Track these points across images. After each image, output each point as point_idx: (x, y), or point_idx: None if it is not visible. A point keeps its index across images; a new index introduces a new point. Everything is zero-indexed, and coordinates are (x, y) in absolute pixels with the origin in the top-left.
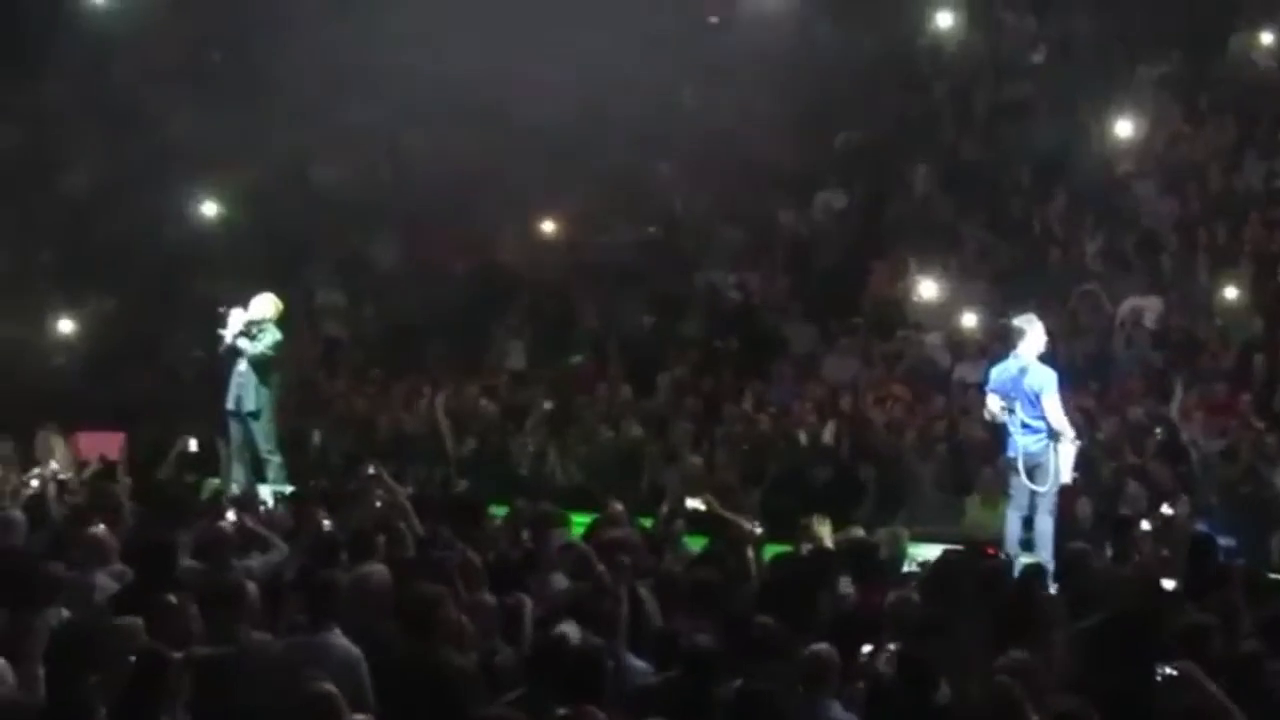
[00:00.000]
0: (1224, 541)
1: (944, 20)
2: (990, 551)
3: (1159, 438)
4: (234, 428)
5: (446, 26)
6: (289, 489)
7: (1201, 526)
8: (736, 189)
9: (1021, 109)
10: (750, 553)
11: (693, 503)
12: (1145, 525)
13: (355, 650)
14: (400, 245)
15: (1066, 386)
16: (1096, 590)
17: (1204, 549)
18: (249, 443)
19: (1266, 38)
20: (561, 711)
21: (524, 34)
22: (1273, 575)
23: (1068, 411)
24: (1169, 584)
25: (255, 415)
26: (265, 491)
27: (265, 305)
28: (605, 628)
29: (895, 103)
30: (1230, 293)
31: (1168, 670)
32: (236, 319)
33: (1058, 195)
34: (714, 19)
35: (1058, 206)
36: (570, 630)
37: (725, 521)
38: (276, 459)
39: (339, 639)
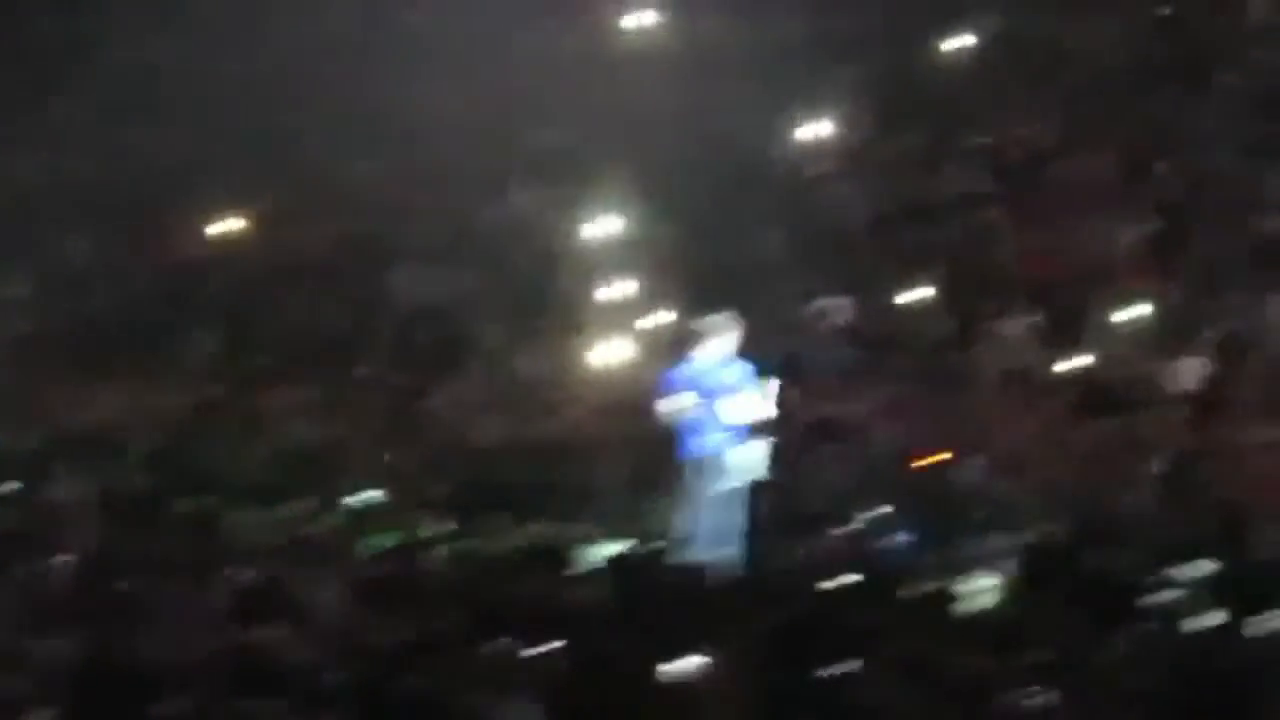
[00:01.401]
0: (908, 540)
1: (643, 19)
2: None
3: (848, 437)
4: None
5: (147, 20)
6: None
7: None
8: (431, 186)
9: (718, 108)
10: (441, 550)
11: (372, 494)
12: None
13: None
14: (93, 241)
15: (756, 385)
16: (780, 589)
17: (868, 545)
18: None
19: (963, 41)
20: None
21: (222, 29)
22: (957, 575)
23: (756, 410)
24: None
25: None
26: None
27: None
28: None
29: (593, 101)
30: (921, 294)
31: (842, 667)
32: None
33: (750, 194)
34: (416, 14)
35: (752, 206)
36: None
37: (416, 520)
38: None
39: None
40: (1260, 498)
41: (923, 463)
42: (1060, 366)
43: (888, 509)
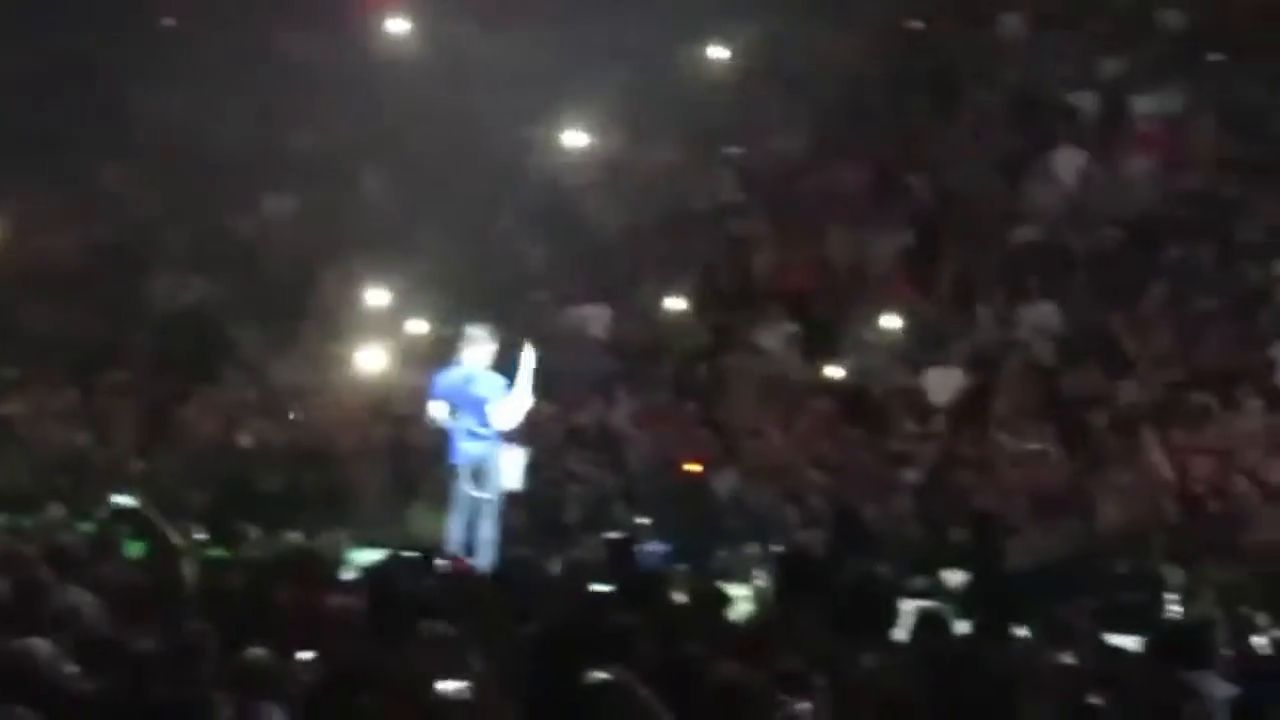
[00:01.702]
0: (663, 548)
1: (397, 26)
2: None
3: (603, 445)
4: None
5: None
6: None
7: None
8: (188, 191)
9: (475, 116)
10: (189, 559)
11: (126, 500)
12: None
13: None
14: None
15: (514, 394)
16: (537, 597)
17: (623, 553)
18: None
19: (718, 52)
20: None
21: None
22: (716, 581)
23: (514, 419)
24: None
25: None
26: None
27: None
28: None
29: (350, 106)
30: (675, 303)
31: (599, 676)
32: None
33: (509, 204)
34: (170, 21)
35: (510, 214)
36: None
37: (159, 528)
38: None
39: None
40: (1013, 508)
41: (680, 471)
42: (816, 377)
43: (645, 518)
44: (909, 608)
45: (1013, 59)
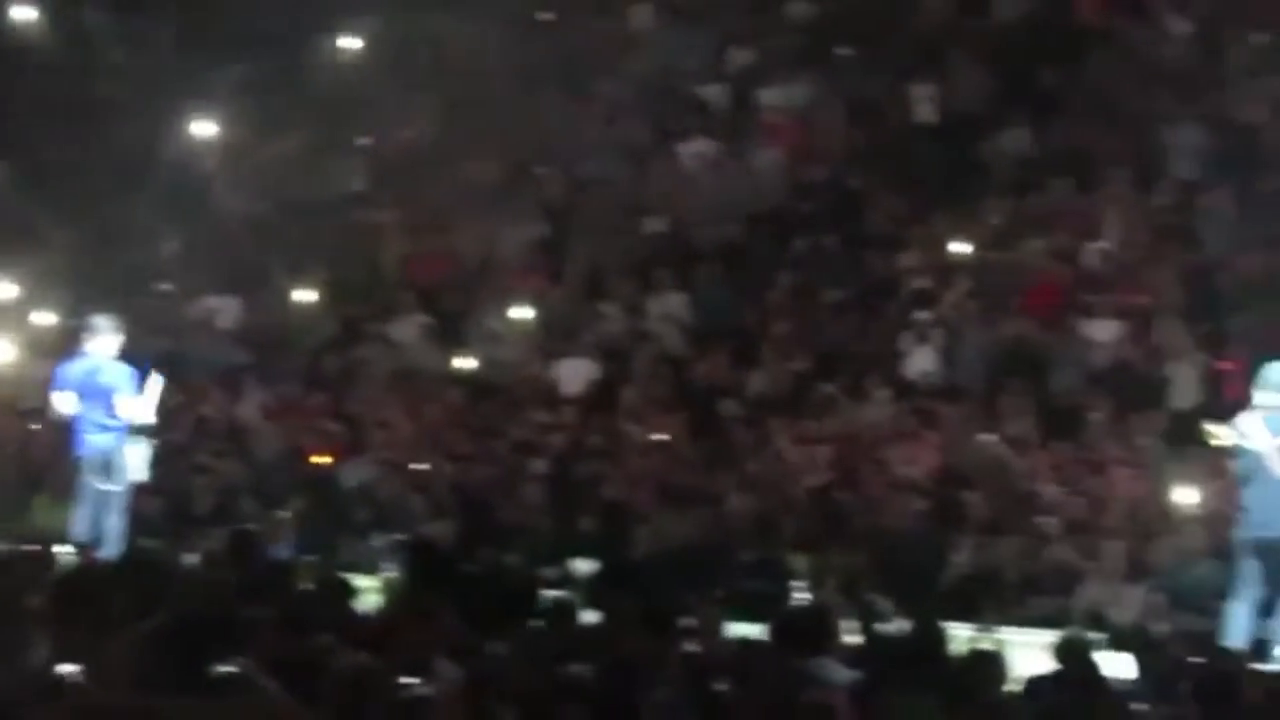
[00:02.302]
0: (293, 539)
1: (23, 14)
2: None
3: (231, 437)
4: None
5: None
6: None
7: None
8: None
9: (103, 107)
10: None
11: None
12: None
13: None
14: None
15: (141, 385)
16: (163, 589)
17: (248, 545)
18: None
19: (347, 42)
20: None
21: None
22: (343, 572)
23: (140, 411)
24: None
25: None
26: None
27: None
28: None
29: None
30: (304, 295)
31: (224, 667)
32: None
33: (139, 194)
34: None
35: (138, 205)
36: None
37: None
38: None
39: None
40: (641, 496)
41: (308, 463)
42: (447, 367)
43: (272, 508)
44: (540, 596)
45: (642, 51)
